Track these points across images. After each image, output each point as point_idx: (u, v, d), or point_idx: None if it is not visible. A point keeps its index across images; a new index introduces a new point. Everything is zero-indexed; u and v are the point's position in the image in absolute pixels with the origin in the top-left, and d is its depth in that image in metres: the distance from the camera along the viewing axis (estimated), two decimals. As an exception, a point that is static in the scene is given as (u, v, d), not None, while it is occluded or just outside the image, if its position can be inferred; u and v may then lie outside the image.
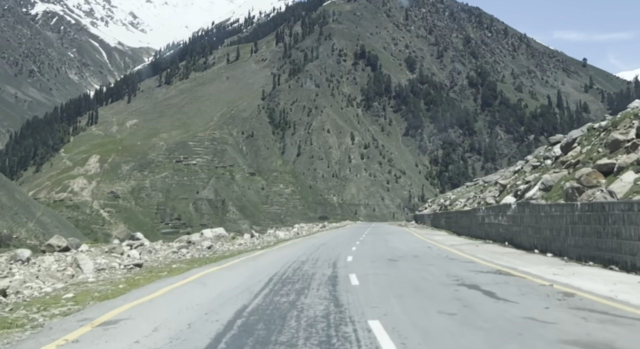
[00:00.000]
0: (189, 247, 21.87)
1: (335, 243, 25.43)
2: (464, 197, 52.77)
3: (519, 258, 15.30)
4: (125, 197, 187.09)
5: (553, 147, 27.65)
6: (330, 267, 13.97)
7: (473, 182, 69.82)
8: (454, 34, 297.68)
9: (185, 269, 14.33)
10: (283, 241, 29.62)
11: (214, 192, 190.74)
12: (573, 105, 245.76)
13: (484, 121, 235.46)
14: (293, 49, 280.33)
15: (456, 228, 34.67)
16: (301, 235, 39.61)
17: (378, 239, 28.28)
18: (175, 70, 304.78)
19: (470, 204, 41.02)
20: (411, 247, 21.49)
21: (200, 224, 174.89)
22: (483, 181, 59.11)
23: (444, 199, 68.64)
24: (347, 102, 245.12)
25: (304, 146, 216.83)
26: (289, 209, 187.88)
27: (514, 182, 28.58)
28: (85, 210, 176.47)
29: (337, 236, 34.44)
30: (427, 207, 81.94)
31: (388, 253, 18.22)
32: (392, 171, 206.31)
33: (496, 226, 22.66)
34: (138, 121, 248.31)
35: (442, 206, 60.87)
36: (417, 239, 28.37)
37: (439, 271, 12.53)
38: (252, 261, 16.73)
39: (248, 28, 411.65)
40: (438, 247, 20.78)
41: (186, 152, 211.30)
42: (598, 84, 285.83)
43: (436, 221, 50.69)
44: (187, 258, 18.35)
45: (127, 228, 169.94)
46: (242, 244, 25.42)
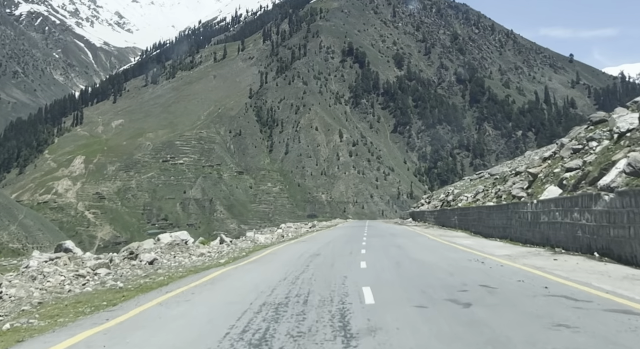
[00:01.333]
0: (117, 264, 15.41)
1: (331, 253, 18.30)
2: (470, 191, 48.23)
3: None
4: (110, 198, 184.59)
5: (619, 118, 20.46)
6: (339, 336, 6.32)
7: (477, 175, 66.06)
8: (442, 31, 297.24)
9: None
10: (261, 249, 22.48)
11: (201, 192, 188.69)
12: (560, 101, 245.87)
13: (472, 117, 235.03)
14: (280, 47, 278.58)
15: (479, 228, 28.17)
16: (286, 238, 31.95)
17: (389, 245, 21.60)
18: (162, 70, 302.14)
19: (483, 199, 35.73)
20: (451, 261, 14.09)
21: (187, 224, 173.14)
22: (489, 173, 55.69)
23: (445, 194, 61.88)
24: (335, 99, 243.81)
25: (292, 144, 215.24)
26: (277, 207, 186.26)
27: (550, 171, 23.60)
28: (70, 212, 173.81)
29: (331, 240, 26.99)
30: (424, 203, 77.12)
31: (429, 278, 10.81)
32: (381, 168, 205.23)
33: (569, 227, 15.61)
34: (124, 120, 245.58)
35: (444, 201, 54.73)
36: (440, 243, 22.20)
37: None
38: (172, 307, 8.82)
39: (235, 26, 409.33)
40: (497, 264, 13.22)
41: (173, 151, 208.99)
42: (584, 80, 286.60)
43: (443, 219, 43.87)
44: (76, 292, 11.08)
45: (112, 230, 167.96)
46: (203, 255, 18.62)
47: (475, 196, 39.96)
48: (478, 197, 38.11)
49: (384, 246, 21.34)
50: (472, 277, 10.83)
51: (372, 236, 29.81)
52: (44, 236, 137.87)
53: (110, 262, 15.43)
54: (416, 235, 30.40)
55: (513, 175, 32.95)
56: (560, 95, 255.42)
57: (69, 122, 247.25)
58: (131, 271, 14.53)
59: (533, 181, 24.72)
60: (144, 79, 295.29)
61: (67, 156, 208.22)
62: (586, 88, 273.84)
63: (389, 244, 22.12)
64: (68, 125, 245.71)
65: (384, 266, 13.51)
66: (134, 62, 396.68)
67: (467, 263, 13.75)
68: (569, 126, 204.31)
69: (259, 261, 16.40)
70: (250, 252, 20.69)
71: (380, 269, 12.76)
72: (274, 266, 14.64)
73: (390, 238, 27.37)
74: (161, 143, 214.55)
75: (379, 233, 34.76)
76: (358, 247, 20.87)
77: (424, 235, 29.78)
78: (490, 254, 16.04)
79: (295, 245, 24.51)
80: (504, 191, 29.95)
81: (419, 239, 26.36)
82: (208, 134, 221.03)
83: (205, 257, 18.01)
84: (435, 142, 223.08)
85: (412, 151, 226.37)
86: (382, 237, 28.26)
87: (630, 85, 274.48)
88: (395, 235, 31.11)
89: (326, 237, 31.72)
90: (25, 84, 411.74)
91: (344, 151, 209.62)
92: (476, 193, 40.39)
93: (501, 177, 39.80)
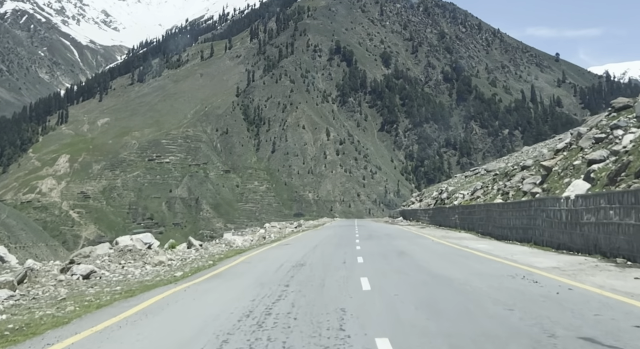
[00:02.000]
0: (36, 280, 11.50)
1: (320, 262, 14.68)
2: (466, 188, 45.87)
3: None
4: (95, 197, 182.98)
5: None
6: None
7: (472, 172, 63.65)
8: (429, 30, 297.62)
9: None
10: (236, 254, 18.63)
11: (187, 191, 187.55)
12: (546, 99, 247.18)
13: (459, 115, 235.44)
14: (268, 45, 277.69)
15: (489, 228, 24.91)
16: (268, 240, 28.22)
17: (389, 251, 17.69)
18: (148, 68, 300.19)
19: (483, 196, 33.48)
20: (489, 280, 10.14)
21: (173, 223, 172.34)
22: (485, 169, 54.18)
23: (438, 192, 59.51)
24: (323, 98, 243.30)
25: (279, 143, 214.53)
26: (263, 206, 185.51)
27: (567, 163, 20.86)
28: (54, 211, 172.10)
29: (319, 243, 22.93)
30: (415, 202, 74.29)
31: (480, 318, 6.82)
32: (368, 167, 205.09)
33: (634, 230, 11.89)
34: (110, 119, 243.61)
35: (438, 199, 52.31)
36: (451, 248, 18.47)
37: None
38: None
39: (222, 25, 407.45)
40: (555, 284, 9.42)
41: (159, 150, 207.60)
42: (570, 79, 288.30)
43: (440, 218, 40.49)
44: None
45: (97, 229, 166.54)
46: (161, 264, 15.07)
47: (473, 193, 38.21)
48: (477, 194, 36.30)
49: (384, 252, 17.40)
50: (547, 315, 6.79)
51: (366, 238, 26.25)
52: (27, 235, 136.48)
53: (25, 278, 11.24)
54: (416, 236, 27.01)
55: (519, 170, 30.38)
56: (547, 94, 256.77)
57: (54, 121, 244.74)
58: (53, 290, 10.62)
59: (547, 175, 21.97)
60: (130, 78, 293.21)
61: (51, 155, 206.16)
62: (572, 87, 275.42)
63: (390, 250, 18.19)
64: (53, 124, 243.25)
65: (396, 287, 9.43)
66: (121, 61, 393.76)
67: (513, 282, 9.72)
68: (555, 124, 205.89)
69: (225, 275, 12.43)
70: (220, 259, 16.56)
71: (392, 295, 8.61)
72: (241, 284, 10.73)
73: (388, 240, 23.99)
74: (147, 142, 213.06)
75: (373, 234, 31.23)
76: (352, 253, 17.10)
77: (425, 237, 26.38)
78: (529, 265, 12.20)
79: (276, 249, 20.53)
80: (511, 186, 27.66)
81: (422, 241, 23.03)
82: (194, 133, 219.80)
83: (161, 268, 14.38)
84: (422, 140, 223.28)
85: (399, 149, 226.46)
86: (378, 240, 24.71)
87: (615, 84, 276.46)
88: (392, 236, 27.65)
89: (313, 239, 27.80)
90: (10, 83, 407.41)
91: (331, 150, 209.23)
92: (474, 190, 38.68)
93: (502, 173, 37.82)
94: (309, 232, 37.75)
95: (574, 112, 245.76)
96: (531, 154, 46.96)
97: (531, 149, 54.93)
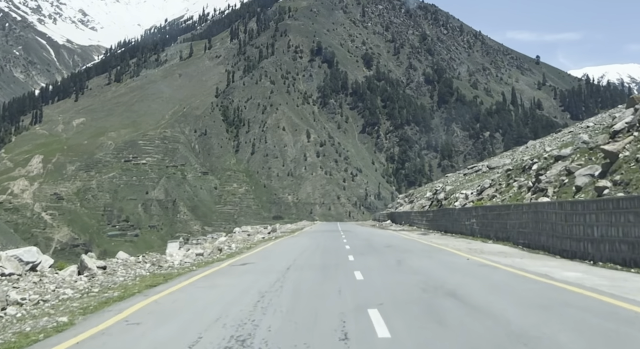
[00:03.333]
0: None
1: (293, 331, 6.55)
2: (468, 187, 39.62)
3: None
4: (69, 198, 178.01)
5: None
6: None
7: (470, 169, 56.79)
8: (410, 31, 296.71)
9: None
10: (147, 289, 10.78)
11: (164, 193, 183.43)
12: (527, 102, 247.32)
13: (441, 118, 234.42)
14: (248, 46, 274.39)
15: (544, 240, 16.93)
16: (223, 255, 19.88)
17: (417, 288, 9.75)
18: (126, 68, 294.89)
19: (500, 195, 27.74)
20: None
21: (149, 226, 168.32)
22: (488, 166, 48.09)
23: (432, 192, 52.81)
24: (303, 99, 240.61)
25: (259, 144, 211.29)
26: (242, 208, 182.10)
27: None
28: (26, 213, 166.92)
29: (293, 264, 15.11)
30: (403, 203, 67.60)
31: None
32: (349, 169, 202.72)
33: None
34: (85, 119, 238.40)
35: (434, 200, 46.58)
36: (543, 285, 9.76)
37: None
38: None
39: (202, 25, 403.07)
40: None
41: (135, 151, 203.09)
42: (550, 81, 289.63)
43: (446, 222, 33.04)
44: None
45: (70, 231, 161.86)
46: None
47: (480, 192, 32.25)
48: (488, 193, 30.41)
49: (408, 287, 9.86)
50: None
51: (362, 252, 18.85)
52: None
53: None
54: (430, 249, 19.83)
55: (552, 161, 23.12)
56: (527, 96, 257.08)
57: (28, 121, 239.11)
58: None
59: (611, 164, 16.47)
60: (107, 77, 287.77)
61: (24, 155, 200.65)
62: (552, 90, 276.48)
63: (415, 282, 10.46)
64: (27, 123, 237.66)
65: None
66: (98, 61, 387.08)
67: None
68: (536, 127, 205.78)
69: None
70: (98, 307, 8.70)
71: None
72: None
73: (396, 257, 16.53)
74: (123, 142, 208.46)
75: (367, 244, 23.89)
76: (352, 290, 9.66)
77: (445, 250, 19.21)
78: None
79: (219, 278, 12.29)
80: (549, 181, 20.76)
81: (451, 259, 15.47)
82: (172, 134, 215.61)
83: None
84: (404, 143, 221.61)
85: (380, 151, 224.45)
86: (381, 256, 17.05)
87: (595, 87, 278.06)
88: (397, 249, 20.28)
89: (286, 254, 19.65)
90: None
91: (311, 152, 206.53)
92: (481, 189, 32.69)
93: (518, 167, 30.36)
94: (283, 241, 28.97)
95: (554, 114, 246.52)
96: (538, 149, 42.40)
97: (537, 143, 50.67)
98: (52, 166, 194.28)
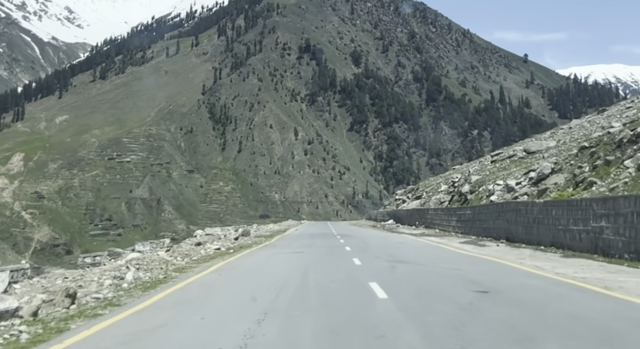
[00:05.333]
0: None
1: None
2: (506, 177, 29.70)
3: None
4: (51, 197, 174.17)
5: None
6: None
7: (497, 155, 44.77)
8: (399, 29, 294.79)
9: None
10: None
11: (148, 191, 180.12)
12: (515, 100, 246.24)
13: (429, 116, 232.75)
14: (235, 43, 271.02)
15: None
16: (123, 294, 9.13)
17: None
18: (111, 65, 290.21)
19: (602, 181, 17.43)
20: None
21: (132, 225, 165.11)
22: (525, 150, 36.49)
23: (448, 184, 42.59)
24: (291, 96, 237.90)
25: (246, 142, 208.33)
26: (228, 207, 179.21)
27: None
28: (5, 212, 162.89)
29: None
30: (405, 200, 55.06)
31: None
32: (337, 167, 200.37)
33: None
34: (69, 116, 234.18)
35: (455, 193, 36.81)
36: None
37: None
38: None
39: (190, 22, 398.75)
40: None
41: (120, 149, 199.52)
42: (538, 80, 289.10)
43: (510, 225, 20.37)
44: None
45: (51, 231, 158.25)
46: None
47: (538, 181, 23.18)
48: (554, 181, 21.69)
49: None
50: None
51: (425, 314, 6.54)
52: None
53: None
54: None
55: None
56: (515, 95, 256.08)
57: (9, 118, 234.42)
58: None
59: None
60: (92, 74, 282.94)
61: (4, 153, 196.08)
62: (540, 88, 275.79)
63: None
64: (8, 121, 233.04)
65: None
66: (83, 58, 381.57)
67: None
68: (524, 125, 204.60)
69: None
70: None
71: None
72: None
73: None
74: (107, 140, 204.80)
75: (408, 271, 11.57)
76: None
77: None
78: None
79: None
80: None
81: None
82: (158, 131, 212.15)
83: None
84: (392, 141, 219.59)
85: (368, 150, 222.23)
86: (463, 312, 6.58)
87: (583, 86, 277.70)
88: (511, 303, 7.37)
89: (222, 318, 6.88)
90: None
91: (299, 150, 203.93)
92: (539, 177, 23.42)
93: (606, 142, 20.23)
94: (246, 261, 15.59)
95: (542, 113, 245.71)
96: (603, 122, 33.61)
97: (587, 121, 40.55)
98: (34, 164, 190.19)
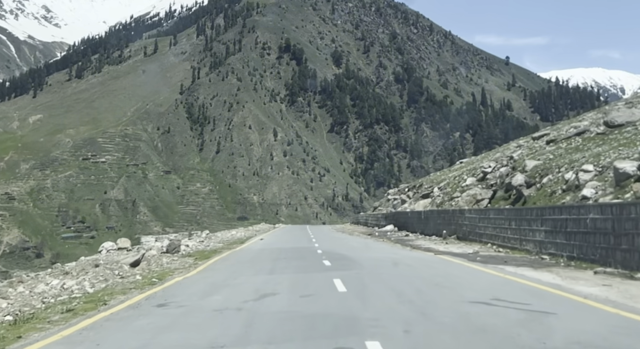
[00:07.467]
0: None
1: None
2: (587, 160, 17.52)
3: None
4: (22, 198, 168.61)
5: None
6: None
7: (545, 134, 30.54)
8: (381, 30, 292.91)
9: None
10: None
11: (123, 192, 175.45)
12: (497, 103, 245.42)
13: (410, 117, 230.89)
14: (215, 42, 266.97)
15: None
16: None
17: None
18: (88, 64, 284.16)
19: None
20: None
21: (106, 227, 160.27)
22: (607, 123, 22.30)
23: (478, 177, 28.86)
24: (271, 97, 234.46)
25: (224, 143, 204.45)
26: (205, 209, 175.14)
27: None
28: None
29: None
30: (406, 200, 44.99)
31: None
32: (316, 169, 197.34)
33: None
34: (43, 116, 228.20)
35: (497, 188, 24.52)
36: None
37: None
38: None
39: (169, 22, 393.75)
40: None
41: (94, 149, 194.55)
42: (520, 82, 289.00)
43: None
44: None
45: (21, 234, 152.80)
46: None
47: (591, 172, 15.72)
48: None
49: None
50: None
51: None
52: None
53: None
54: None
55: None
56: (497, 97, 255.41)
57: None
58: None
59: None
60: (68, 73, 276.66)
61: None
62: (522, 91, 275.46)
63: None
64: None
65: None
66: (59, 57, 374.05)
67: None
68: (506, 127, 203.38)
69: None
70: None
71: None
72: None
73: None
74: (82, 140, 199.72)
75: None
76: None
77: None
78: None
79: None
80: None
81: None
82: (134, 131, 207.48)
83: None
84: (373, 142, 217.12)
85: (348, 151, 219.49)
86: None
87: (564, 89, 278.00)
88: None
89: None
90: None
91: (278, 151, 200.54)
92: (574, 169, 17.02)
93: None
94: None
95: (523, 116, 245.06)
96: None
97: (623, 103, 29.91)
98: (5, 165, 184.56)
